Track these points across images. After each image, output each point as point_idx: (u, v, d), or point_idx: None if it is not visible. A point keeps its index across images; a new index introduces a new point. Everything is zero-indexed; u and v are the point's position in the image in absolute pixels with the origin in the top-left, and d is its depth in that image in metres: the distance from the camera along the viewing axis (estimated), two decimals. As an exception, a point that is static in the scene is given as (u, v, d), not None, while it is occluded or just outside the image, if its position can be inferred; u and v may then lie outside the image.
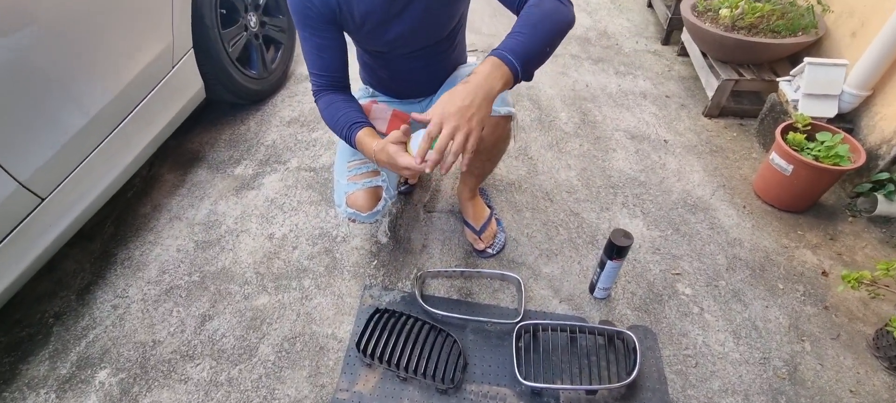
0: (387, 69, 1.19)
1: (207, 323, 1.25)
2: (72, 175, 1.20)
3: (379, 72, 1.21)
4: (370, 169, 1.15)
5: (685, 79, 2.18)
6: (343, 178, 1.16)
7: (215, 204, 1.57)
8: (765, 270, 1.38)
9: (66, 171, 1.19)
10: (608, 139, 1.84)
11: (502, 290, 1.33)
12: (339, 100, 1.07)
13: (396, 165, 0.90)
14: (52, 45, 1.11)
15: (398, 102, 1.28)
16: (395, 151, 0.90)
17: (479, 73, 0.80)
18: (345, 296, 1.31)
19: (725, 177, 1.68)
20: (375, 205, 1.16)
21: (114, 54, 1.28)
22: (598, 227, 1.50)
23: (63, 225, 1.21)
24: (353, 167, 1.16)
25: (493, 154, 1.24)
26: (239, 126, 1.89)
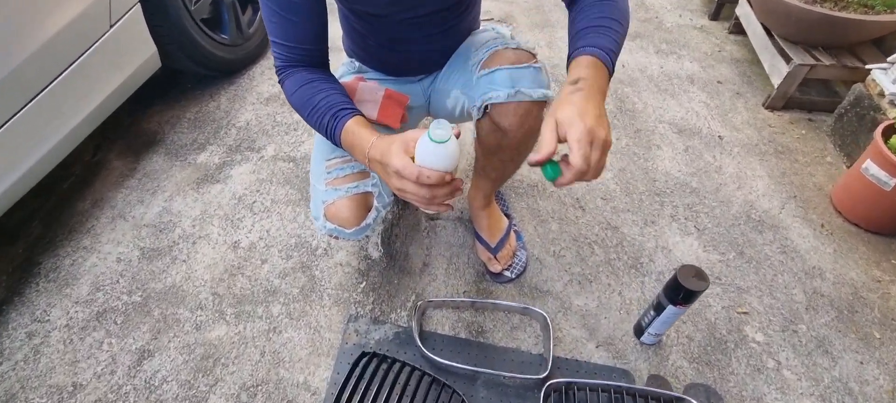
0: (381, 36, 0.88)
1: (146, 361, 0.98)
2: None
3: (369, 41, 0.90)
4: (357, 169, 0.86)
5: (739, 62, 1.85)
6: (320, 183, 0.87)
7: (170, 200, 1.27)
8: (855, 311, 1.09)
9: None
10: (651, 133, 1.53)
11: (523, 327, 1.05)
12: (316, 79, 0.77)
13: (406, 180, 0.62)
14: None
15: (393, 80, 0.97)
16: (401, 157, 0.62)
17: (588, 78, 0.62)
18: (323, 330, 1.03)
19: (796, 187, 1.37)
20: (364, 218, 0.87)
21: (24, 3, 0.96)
22: (642, 246, 1.21)
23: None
24: (333, 167, 0.86)
25: (518, 152, 0.94)
26: (207, 102, 1.57)
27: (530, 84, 0.80)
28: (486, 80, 0.82)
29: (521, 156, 0.96)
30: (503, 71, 0.80)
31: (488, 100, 0.81)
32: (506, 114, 0.81)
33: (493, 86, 0.81)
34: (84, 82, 1.13)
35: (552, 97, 0.82)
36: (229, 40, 1.57)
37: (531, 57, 0.83)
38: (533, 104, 0.81)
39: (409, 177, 0.61)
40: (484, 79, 0.82)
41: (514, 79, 0.80)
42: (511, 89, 0.79)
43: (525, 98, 0.79)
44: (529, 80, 0.80)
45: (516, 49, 0.84)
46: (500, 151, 0.90)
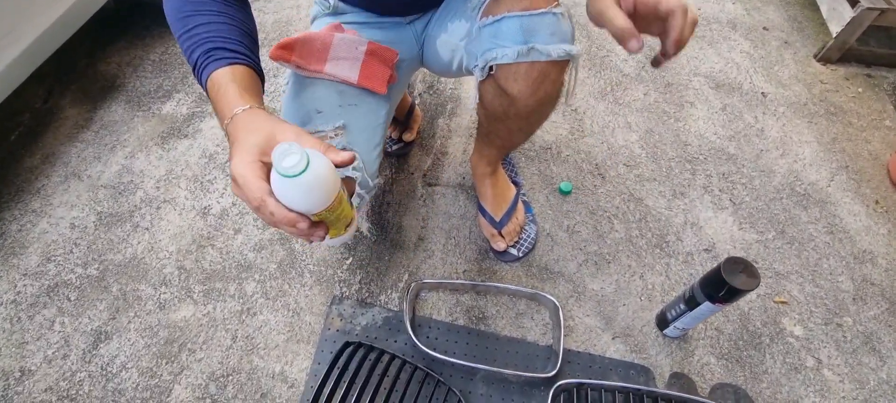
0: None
1: (103, 344, 0.86)
2: None
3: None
4: (340, 144, 0.69)
5: (789, 5, 1.60)
6: None
7: (131, 157, 1.12)
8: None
9: None
10: (684, 88, 1.33)
11: (530, 314, 0.92)
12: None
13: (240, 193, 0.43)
14: None
15: (377, 23, 0.77)
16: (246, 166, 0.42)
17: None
18: (303, 312, 0.91)
19: (849, 155, 1.20)
20: None
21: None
22: (668, 222, 1.06)
23: None
24: None
25: (529, 121, 0.77)
26: (173, 42, 1.37)
27: (548, 37, 0.61)
28: (489, 32, 0.63)
29: (534, 125, 0.79)
30: (512, 19, 0.61)
31: (493, 61, 0.63)
32: (515, 77, 0.63)
33: (498, 40, 0.62)
34: (13, 9, 0.94)
35: (576, 54, 0.64)
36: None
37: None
38: (550, 65, 0.63)
39: (249, 197, 0.42)
40: (487, 31, 0.64)
41: (527, 30, 0.61)
42: (522, 45, 0.61)
43: (541, 57, 0.61)
44: (547, 32, 0.61)
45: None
46: (506, 119, 0.72)
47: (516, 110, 0.69)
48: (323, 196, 0.42)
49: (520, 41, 0.61)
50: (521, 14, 0.61)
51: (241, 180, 0.42)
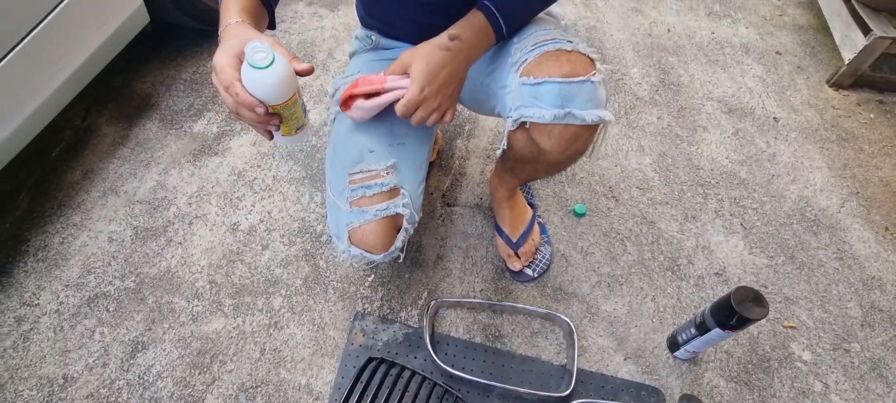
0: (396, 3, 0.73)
1: (140, 354, 0.92)
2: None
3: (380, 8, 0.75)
4: (386, 186, 0.71)
5: (803, 30, 1.62)
6: (343, 200, 0.73)
7: (165, 173, 1.18)
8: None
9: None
10: (697, 111, 1.36)
11: (545, 333, 0.96)
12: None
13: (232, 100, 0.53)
14: None
15: None
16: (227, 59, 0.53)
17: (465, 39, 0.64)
18: (328, 327, 0.96)
19: (859, 181, 1.22)
20: (393, 242, 0.75)
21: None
22: (680, 245, 1.09)
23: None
24: (358, 183, 0.72)
25: (556, 169, 0.82)
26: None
27: (584, 103, 0.64)
28: (529, 92, 0.65)
29: (559, 171, 0.83)
30: (553, 85, 0.63)
31: (529, 118, 0.66)
32: (549, 135, 0.66)
33: (537, 101, 0.65)
34: (63, 37, 1.00)
35: (609, 120, 0.67)
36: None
37: (590, 65, 0.65)
38: (584, 127, 0.66)
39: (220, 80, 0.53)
40: (527, 90, 0.66)
41: (566, 96, 0.63)
42: (559, 109, 0.63)
43: (576, 121, 0.64)
44: (584, 99, 0.64)
45: (572, 52, 0.65)
46: (534, 163, 0.76)
47: (545, 159, 0.72)
48: (282, 90, 0.53)
49: (557, 105, 0.63)
50: (561, 80, 0.63)
51: (218, 67, 0.52)
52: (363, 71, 0.81)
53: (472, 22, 0.64)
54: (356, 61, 0.86)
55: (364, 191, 0.71)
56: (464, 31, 0.63)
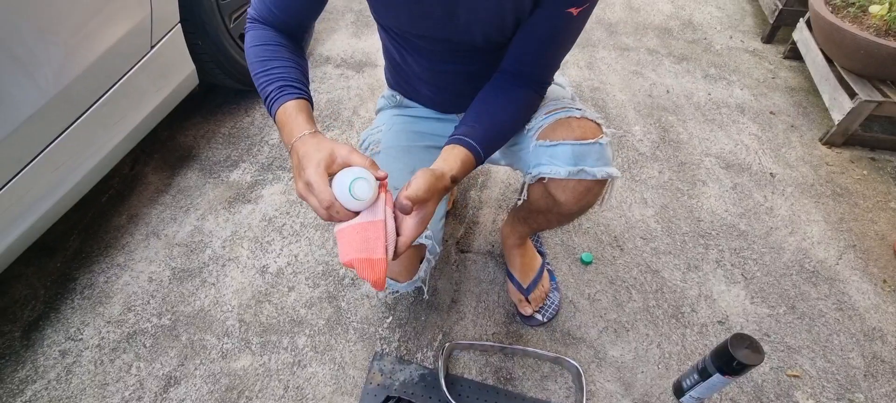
0: (422, 66, 0.83)
1: (172, 388, 0.98)
2: (25, 170, 0.93)
3: (411, 72, 0.85)
4: None
5: (795, 92, 1.73)
6: None
7: (202, 219, 1.28)
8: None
9: (18, 165, 0.92)
10: (696, 167, 1.44)
11: (554, 377, 1.00)
12: (284, 46, 0.70)
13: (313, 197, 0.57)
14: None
15: (436, 116, 0.93)
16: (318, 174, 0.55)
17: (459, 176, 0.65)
18: (347, 366, 1.01)
19: (856, 235, 1.27)
20: (416, 270, 0.84)
21: (72, 24, 0.97)
22: (683, 294, 1.14)
23: (12, 236, 0.96)
24: None
25: (569, 219, 0.91)
26: (241, 118, 1.58)
27: (594, 162, 0.74)
28: (546, 152, 0.75)
29: (569, 221, 0.92)
30: (566, 146, 0.73)
31: (547, 174, 0.75)
32: (563, 189, 0.76)
33: (553, 160, 0.74)
34: (127, 101, 1.14)
35: (617, 175, 0.77)
36: (265, 56, 1.57)
37: (598, 130, 0.76)
38: (595, 182, 0.75)
39: (319, 200, 0.55)
40: (543, 151, 0.76)
41: (578, 156, 0.73)
42: (573, 166, 0.73)
43: (588, 177, 0.74)
44: (594, 158, 0.74)
45: (582, 118, 0.76)
46: (548, 214, 0.85)
47: (559, 210, 0.81)
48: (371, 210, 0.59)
49: (571, 163, 0.73)
50: (574, 142, 0.73)
51: (315, 186, 0.55)
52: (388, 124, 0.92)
53: (465, 161, 0.65)
54: (382, 116, 0.97)
55: None
56: (460, 171, 0.65)
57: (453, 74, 0.82)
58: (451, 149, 0.66)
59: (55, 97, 0.95)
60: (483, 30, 0.70)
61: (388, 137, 0.89)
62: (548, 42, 0.70)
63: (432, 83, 0.86)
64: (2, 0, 0.84)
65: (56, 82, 0.96)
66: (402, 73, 0.90)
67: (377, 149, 0.88)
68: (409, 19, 0.71)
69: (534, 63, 0.72)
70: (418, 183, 0.57)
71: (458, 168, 0.64)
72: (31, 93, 0.92)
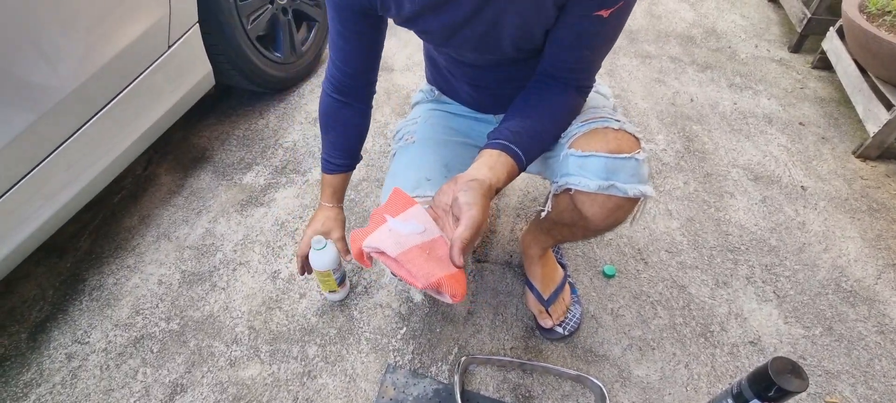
0: (459, 70, 0.83)
1: (178, 396, 0.94)
2: (38, 168, 0.91)
3: (444, 75, 0.87)
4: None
5: (825, 102, 1.67)
6: None
7: (214, 221, 1.25)
8: (973, 414, 0.93)
9: (31, 162, 0.90)
10: (723, 178, 1.39)
11: (575, 395, 0.95)
12: (342, 115, 0.84)
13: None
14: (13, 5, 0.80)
15: (472, 115, 0.93)
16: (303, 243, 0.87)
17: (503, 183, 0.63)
18: (359, 378, 0.97)
19: (895, 253, 1.20)
20: None
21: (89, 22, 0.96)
22: (712, 311, 1.08)
23: (23, 234, 0.94)
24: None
25: (594, 235, 0.87)
26: (256, 120, 1.56)
27: (627, 178, 0.68)
28: (576, 162, 0.70)
29: (595, 236, 0.88)
30: (599, 159, 0.68)
31: (575, 185, 0.70)
32: (592, 203, 0.71)
33: (583, 172, 0.69)
34: (142, 100, 1.12)
35: (650, 194, 0.72)
36: (282, 58, 1.55)
37: (636, 144, 0.70)
38: (625, 199, 0.70)
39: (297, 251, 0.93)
40: (574, 160, 0.70)
41: (611, 170, 0.68)
42: (604, 181, 0.68)
43: (619, 193, 0.68)
44: (628, 174, 0.68)
45: (619, 131, 0.70)
46: (573, 228, 0.81)
47: (585, 225, 0.77)
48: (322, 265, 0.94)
49: (602, 177, 0.68)
50: (608, 155, 0.68)
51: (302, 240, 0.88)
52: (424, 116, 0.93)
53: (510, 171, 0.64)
54: (418, 109, 0.98)
55: None
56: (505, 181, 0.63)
57: (492, 78, 0.82)
58: (498, 155, 0.63)
59: (72, 93, 0.94)
60: (512, 43, 0.68)
61: (424, 129, 0.90)
62: (579, 45, 0.66)
63: (471, 84, 0.85)
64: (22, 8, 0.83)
65: (74, 78, 0.94)
66: (441, 72, 0.90)
67: (412, 140, 0.89)
68: (442, 39, 0.72)
69: (568, 67, 0.69)
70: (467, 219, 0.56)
71: (505, 178, 0.62)
72: (49, 88, 0.90)
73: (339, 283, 1.03)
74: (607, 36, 0.67)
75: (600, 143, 0.69)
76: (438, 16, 0.65)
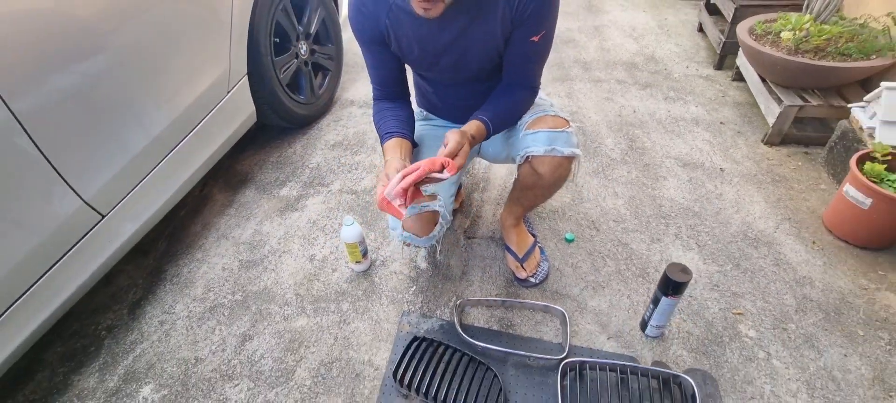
0: (437, 95, 1.20)
1: (247, 342, 1.26)
2: (131, 194, 1.26)
3: (430, 98, 1.23)
4: (428, 192, 1.12)
5: (741, 105, 2.07)
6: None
7: (261, 224, 1.60)
8: (841, 314, 1.24)
9: (126, 190, 1.25)
10: (658, 166, 1.76)
11: (545, 323, 1.27)
12: (387, 107, 1.13)
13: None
14: (119, 72, 1.18)
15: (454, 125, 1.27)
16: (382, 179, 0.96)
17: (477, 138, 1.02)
18: (382, 322, 1.29)
19: (790, 210, 1.55)
20: (431, 230, 1.14)
21: (175, 79, 1.35)
22: (648, 259, 1.42)
23: (120, 241, 1.27)
24: None
25: (549, 190, 1.21)
26: (286, 149, 1.95)
27: (563, 144, 1.07)
28: (530, 138, 1.10)
29: (551, 193, 1.23)
30: (544, 133, 1.08)
31: (530, 153, 1.08)
32: (543, 163, 1.09)
33: (535, 142, 1.09)
34: (205, 136, 1.50)
35: (579, 154, 1.10)
36: (305, 100, 1.96)
37: (566, 123, 1.11)
38: (564, 158, 1.08)
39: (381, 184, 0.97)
40: (529, 137, 1.10)
41: (551, 139, 1.07)
42: (548, 146, 1.07)
43: (558, 154, 1.07)
44: (563, 141, 1.08)
45: (555, 116, 1.11)
46: (534, 188, 1.17)
47: (541, 183, 1.13)
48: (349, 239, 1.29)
49: (547, 144, 1.07)
50: (549, 130, 1.07)
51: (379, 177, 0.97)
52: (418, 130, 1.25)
53: (479, 128, 1.02)
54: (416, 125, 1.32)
55: None
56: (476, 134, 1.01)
57: (464, 96, 1.18)
58: (475, 124, 1.03)
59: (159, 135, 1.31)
60: (478, 66, 1.07)
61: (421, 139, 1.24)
62: (524, 62, 1.05)
63: (449, 103, 1.23)
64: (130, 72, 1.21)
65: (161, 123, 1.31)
66: (427, 97, 1.27)
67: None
68: (426, 67, 1.09)
69: (520, 75, 1.08)
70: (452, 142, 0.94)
71: (475, 131, 1.01)
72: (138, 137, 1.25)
73: (363, 255, 1.36)
74: (540, 53, 1.05)
75: (543, 124, 1.09)
76: (424, 47, 1.02)
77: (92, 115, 1.13)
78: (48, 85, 1.02)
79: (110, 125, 1.18)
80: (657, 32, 2.76)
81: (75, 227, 1.13)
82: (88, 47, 1.10)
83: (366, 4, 1.00)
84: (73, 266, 1.14)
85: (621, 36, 2.74)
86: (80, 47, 1.08)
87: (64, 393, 1.18)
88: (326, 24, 2.06)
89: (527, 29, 0.97)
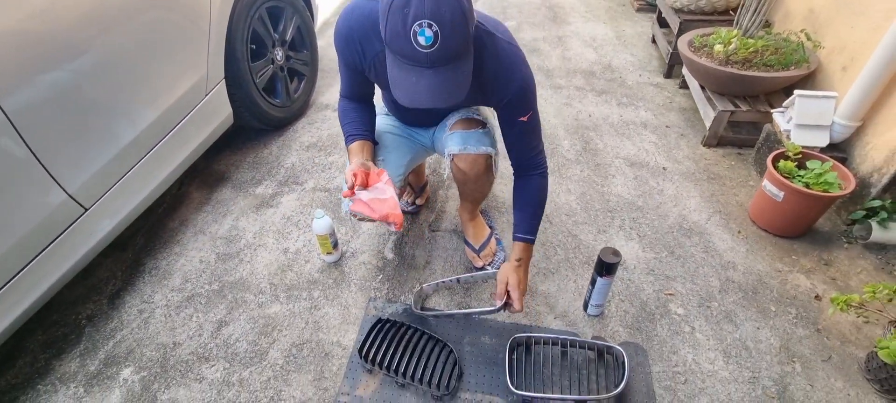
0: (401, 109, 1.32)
1: (223, 328, 1.35)
2: (112, 189, 1.34)
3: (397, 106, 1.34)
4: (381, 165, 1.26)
5: (685, 111, 2.26)
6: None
7: (237, 220, 1.69)
8: (757, 293, 1.42)
9: (108, 185, 1.33)
10: (608, 166, 1.92)
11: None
12: (352, 108, 1.22)
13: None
14: (103, 74, 1.27)
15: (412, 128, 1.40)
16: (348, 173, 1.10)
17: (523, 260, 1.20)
18: (351, 307, 1.40)
19: (722, 204, 1.73)
20: None
21: (155, 83, 1.44)
22: (594, 248, 1.57)
23: (101, 234, 1.35)
24: None
25: (478, 183, 1.34)
26: (262, 150, 2.04)
27: (475, 143, 1.22)
28: (448, 138, 1.25)
29: (481, 185, 1.36)
30: (458, 133, 1.23)
31: (449, 151, 1.23)
32: (461, 160, 1.23)
33: (451, 142, 1.23)
34: (183, 137, 1.59)
35: (492, 152, 1.24)
36: (280, 103, 2.06)
37: (480, 124, 1.25)
38: (477, 155, 1.22)
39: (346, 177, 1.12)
40: (448, 137, 1.25)
41: (464, 139, 1.22)
42: (462, 146, 1.21)
43: (471, 151, 1.21)
44: (475, 140, 1.22)
45: (471, 119, 1.26)
46: (465, 183, 1.31)
47: (466, 178, 1.27)
48: (320, 231, 1.40)
49: (461, 143, 1.21)
50: (462, 131, 1.23)
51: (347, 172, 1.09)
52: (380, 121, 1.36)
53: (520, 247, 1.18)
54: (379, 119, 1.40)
55: None
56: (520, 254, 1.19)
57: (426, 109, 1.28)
58: (517, 246, 1.19)
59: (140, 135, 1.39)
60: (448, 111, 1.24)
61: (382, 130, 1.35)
62: (520, 141, 1.14)
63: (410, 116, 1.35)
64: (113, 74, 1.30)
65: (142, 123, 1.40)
66: (390, 104, 1.39)
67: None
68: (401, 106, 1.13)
69: (523, 156, 1.17)
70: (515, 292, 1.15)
71: (526, 257, 1.20)
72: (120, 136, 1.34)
73: (333, 246, 1.48)
74: (533, 129, 1.14)
75: (459, 126, 1.24)
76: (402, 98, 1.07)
77: (78, 115, 1.22)
78: (36, 86, 1.11)
79: (95, 124, 1.26)
80: (615, 43, 2.95)
81: (58, 219, 1.20)
82: (75, 52, 1.19)
83: (353, 40, 1.05)
84: (56, 256, 1.21)
85: (582, 46, 2.93)
86: (68, 51, 1.17)
87: (45, 377, 1.25)
88: (302, 32, 2.17)
89: (514, 111, 1.09)
